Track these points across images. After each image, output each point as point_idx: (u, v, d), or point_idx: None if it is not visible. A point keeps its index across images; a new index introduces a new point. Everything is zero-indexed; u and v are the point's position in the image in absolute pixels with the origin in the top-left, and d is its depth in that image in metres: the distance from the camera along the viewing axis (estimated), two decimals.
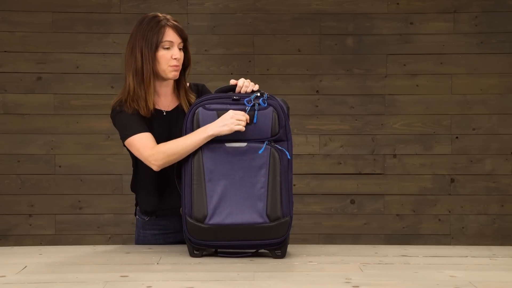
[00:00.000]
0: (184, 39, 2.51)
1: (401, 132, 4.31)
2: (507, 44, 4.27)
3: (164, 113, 2.54)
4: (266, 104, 2.31)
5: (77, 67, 4.26)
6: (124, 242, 4.23)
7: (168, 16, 2.50)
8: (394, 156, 4.31)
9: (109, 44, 4.27)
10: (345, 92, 4.31)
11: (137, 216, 2.66)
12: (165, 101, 2.55)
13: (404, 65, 4.31)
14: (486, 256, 2.39)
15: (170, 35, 2.46)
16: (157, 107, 2.52)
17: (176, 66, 2.48)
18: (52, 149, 4.26)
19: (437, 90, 4.30)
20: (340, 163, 4.32)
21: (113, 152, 4.28)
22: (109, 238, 4.27)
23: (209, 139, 2.29)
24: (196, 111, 2.32)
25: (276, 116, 2.31)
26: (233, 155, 2.28)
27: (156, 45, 2.44)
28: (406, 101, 4.31)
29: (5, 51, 4.25)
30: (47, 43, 4.25)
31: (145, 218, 2.61)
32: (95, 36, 4.27)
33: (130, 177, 4.21)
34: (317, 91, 4.29)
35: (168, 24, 2.47)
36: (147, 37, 2.45)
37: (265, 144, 2.29)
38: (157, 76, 2.49)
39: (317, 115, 4.31)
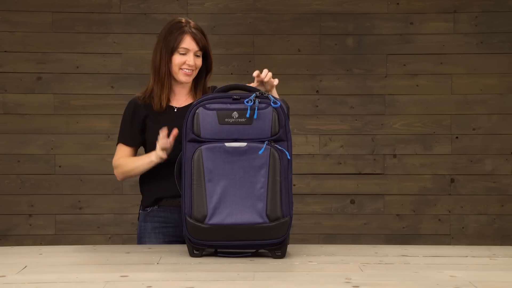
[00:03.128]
0: (203, 47, 2.63)
1: (401, 132, 4.31)
2: (507, 44, 4.27)
3: (175, 110, 2.66)
4: (272, 101, 2.32)
5: (77, 67, 4.26)
6: (124, 242, 4.24)
7: (192, 23, 2.64)
8: (394, 156, 4.31)
9: (109, 44, 4.27)
10: (345, 92, 4.31)
11: (140, 211, 2.72)
12: (180, 99, 2.69)
13: (404, 65, 4.31)
14: (486, 256, 2.39)
15: (187, 43, 2.61)
16: (170, 103, 2.67)
17: (188, 71, 2.62)
18: (52, 149, 4.26)
19: (437, 90, 4.30)
20: (340, 163, 4.32)
21: (113, 152, 4.25)
22: (109, 238, 4.27)
23: (152, 164, 2.55)
24: (196, 111, 2.33)
25: (276, 116, 2.31)
26: (232, 155, 2.29)
27: (172, 49, 2.61)
28: (406, 101, 4.31)
29: (5, 51, 4.25)
30: (47, 43, 4.25)
31: (148, 209, 2.67)
32: (95, 36, 4.27)
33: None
34: (317, 91, 4.29)
35: (187, 31, 2.61)
36: (167, 40, 2.62)
37: (265, 144, 2.29)
38: (173, 76, 2.65)
39: (317, 115, 4.31)
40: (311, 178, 4.31)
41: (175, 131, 2.47)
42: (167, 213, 2.64)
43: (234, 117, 2.31)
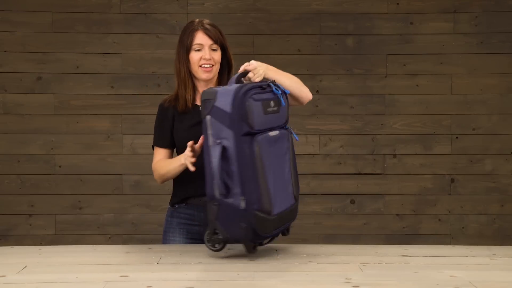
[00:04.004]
0: (217, 40, 2.67)
1: (401, 132, 4.31)
2: (507, 44, 4.27)
3: (200, 108, 2.61)
4: (282, 88, 2.41)
5: (77, 67, 4.26)
6: (124, 242, 4.24)
7: (205, 21, 2.70)
8: (394, 156, 4.31)
9: (109, 44, 4.27)
10: (345, 92, 4.31)
11: (168, 206, 2.78)
12: None
13: (404, 65, 4.31)
14: (486, 256, 2.39)
15: (199, 38, 2.66)
16: (196, 102, 2.72)
17: (206, 66, 2.66)
18: (52, 149, 4.26)
19: (437, 90, 4.30)
20: (340, 163, 4.32)
21: (113, 152, 4.28)
22: (109, 238, 4.27)
23: (183, 167, 2.53)
24: (247, 103, 2.23)
25: (287, 102, 2.41)
26: (271, 144, 2.30)
27: (187, 48, 2.66)
28: (406, 101, 4.31)
29: (5, 51, 4.25)
30: (47, 43, 4.25)
31: (176, 205, 2.72)
32: (95, 36, 4.27)
33: (129, 177, 4.28)
34: (317, 91, 4.29)
35: (199, 28, 2.66)
36: (182, 41, 2.69)
37: (291, 130, 2.39)
38: (195, 76, 2.70)
39: (317, 115, 4.31)
40: (311, 178, 4.31)
41: (201, 139, 2.43)
42: (193, 210, 2.68)
43: (271, 106, 2.32)
